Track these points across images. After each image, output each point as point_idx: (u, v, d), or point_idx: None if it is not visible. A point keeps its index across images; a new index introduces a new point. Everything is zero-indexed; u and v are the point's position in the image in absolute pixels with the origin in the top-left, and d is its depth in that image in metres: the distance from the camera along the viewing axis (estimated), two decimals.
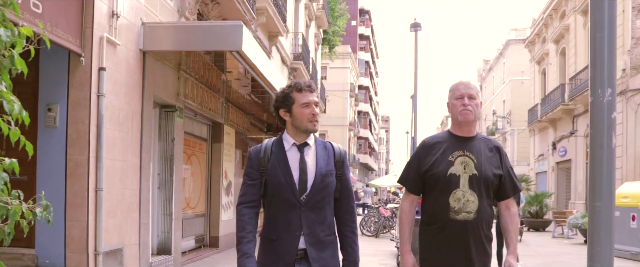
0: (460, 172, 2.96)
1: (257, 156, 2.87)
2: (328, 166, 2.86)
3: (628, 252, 11.66)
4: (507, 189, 3.07)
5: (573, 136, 26.10)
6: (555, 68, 30.24)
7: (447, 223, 2.94)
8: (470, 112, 2.99)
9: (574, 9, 26.30)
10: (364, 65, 66.05)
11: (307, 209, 2.78)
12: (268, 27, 14.98)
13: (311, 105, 2.82)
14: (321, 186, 2.80)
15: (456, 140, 3.05)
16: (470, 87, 3.06)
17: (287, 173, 2.80)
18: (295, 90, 2.84)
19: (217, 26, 7.92)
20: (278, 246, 2.80)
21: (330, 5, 32.51)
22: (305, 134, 2.87)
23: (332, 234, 2.90)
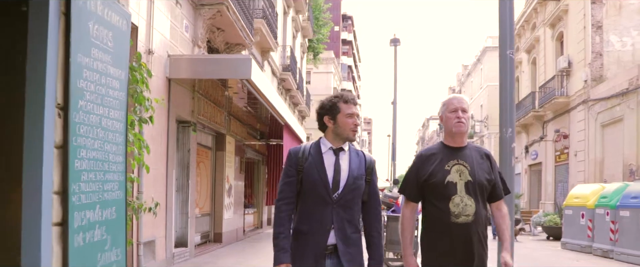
0: (456, 179, 3.17)
1: (296, 155, 3.14)
2: (360, 170, 3.12)
3: (578, 246, 13.40)
4: (498, 192, 3.32)
5: (543, 140, 27.89)
6: (527, 76, 31.96)
7: (450, 227, 3.14)
8: (463, 124, 3.23)
9: (543, 22, 28.08)
10: (347, 69, 67.42)
11: (338, 207, 3.04)
12: (261, 44, 16.52)
13: (354, 117, 3.13)
14: (353, 187, 3.07)
15: (450, 150, 3.27)
16: (462, 101, 3.29)
17: (322, 172, 3.06)
18: (342, 101, 3.12)
19: (231, 59, 9.50)
20: (309, 239, 3.03)
21: (315, 15, 33.85)
22: (343, 140, 3.15)
23: (358, 232, 3.13)
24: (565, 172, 25.16)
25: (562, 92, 24.78)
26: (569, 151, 24.51)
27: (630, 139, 18.30)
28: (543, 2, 27.99)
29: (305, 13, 27.81)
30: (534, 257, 12.23)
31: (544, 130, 27.98)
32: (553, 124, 26.45)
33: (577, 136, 23.39)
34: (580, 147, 22.94)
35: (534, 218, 18.79)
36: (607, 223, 11.93)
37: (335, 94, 3.19)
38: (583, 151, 22.55)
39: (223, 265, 9.64)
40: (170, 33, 8.87)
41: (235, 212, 13.91)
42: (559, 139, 25.40)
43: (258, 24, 14.79)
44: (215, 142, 12.60)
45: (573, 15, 24.05)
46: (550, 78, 25.78)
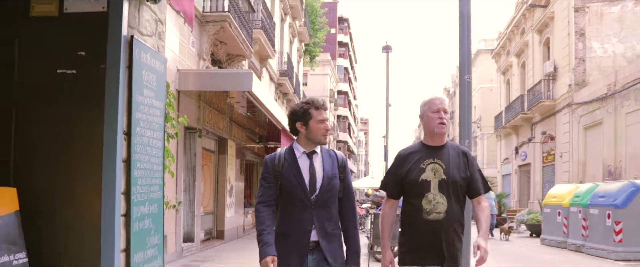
0: (431, 177, 3.26)
1: (272, 162, 3.26)
2: (333, 170, 3.25)
3: (555, 241, 14.42)
4: (476, 188, 3.37)
5: (531, 142, 28.91)
6: (517, 79, 32.92)
7: (421, 223, 3.24)
8: (445, 125, 3.32)
9: (531, 27, 29.09)
10: (343, 71, 68.16)
11: (317, 208, 3.16)
12: (260, 52, 17.50)
13: (325, 122, 3.24)
14: (328, 187, 3.20)
15: (428, 149, 3.36)
16: (444, 102, 3.39)
17: (299, 177, 3.18)
18: (313, 108, 3.23)
19: (234, 73, 10.51)
20: (292, 240, 3.15)
21: (311, 20, 34.69)
22: (315, 144, 3.27)
23: (337, 228, 3.27)
24: (551, 172, 26.16)
25: (549, 95, 25.75)
26: (555, 152, 25.51)
27: (608, 141, 19.33)
28: (531, 9, 28.97)
29: (301, 19, 28.72)
30: (513, 251, 13.24)
31: (532, 132, 28.94)
32: (541, 126, 27.43)
33: (562, 138, 24.40)
34: (565, 148, 23.96)
35: (518, 216, 19.84)
36: (580, 220, 12.95)
37: (306, 100, 3.30)
38: (567, 152, 23.57)
39: (226, 259, 10.63)
40: (179, 49, 9.85)
41: (236, 211, 14.90)
42: (546, 140, 26.42)
43: (257, 34, 15.77)
44: (218, 146, 13.59)
45: (558, 22, 25.05)
46: (538, 82, 26.76)
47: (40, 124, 3.31)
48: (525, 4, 29.48)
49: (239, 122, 14.85)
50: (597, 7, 23.14)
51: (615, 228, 11.33)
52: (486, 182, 3.47)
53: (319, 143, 3.25)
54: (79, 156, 3.28)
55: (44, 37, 3.32)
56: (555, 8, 25.41)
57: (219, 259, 10.57)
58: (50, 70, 3.29)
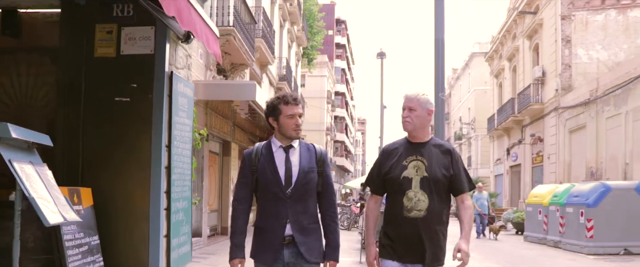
0: (412, 174, 3.21)
1: (249, 156, 3.25)
2: (310, 164, 3.20)
3: (536, 238, 15.47)
4: (459, 187, 3.30)
5: (521, 143, 29.95)
6: (509, 82, 33.87)
7: (402, 220, 3.20)
8: (408, 123, 3.26)
9: (522, 33, 30.11)
10: (340, 72, 69.03)
11: (292, 201, 3.13)
12: (261, 59, 18.51)
13: (295, 117, 3.17)
14: (304, 181, 3.16)
15: (411, 146, 3.30)
16: (410, 99, 3.29)
17: (274, 171, 3.14)
18: (282, 103, 3.19)
19: (239, 84, 11.53)
20: (268, 233, 3.13)
21: (309, 23, 35.61)
22: (288, 139, 3.22)
23: (315, 222, 3.23)
24: (540, 173, 27.19)
25: (537, 99, 26.74)
26: (543, 154, 26.55)
27: (591, 144, 20.37)
28: (522, 15, 29.99)
29: (299, 24, 29.70)
30: (494, 248, 14.28)
31: (522, 134, 29.94)
32: (530, 129, 28.43)
33: (549, 140, 25.44)
34: (552, 150, 25.00)
35: (505, 215, 20.90)
36: (557, 218, 13.98)
37: (278, 95, 3.27)
38: (554, 153, 24.60)
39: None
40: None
41: None
42: (535, 142, 27.47)
43: (258, 43, 16.78)
44: (222, 149, 14.61)
45: (546, 29, 26.08)
46: (527, 86, 27.78)
47: (102, 139, 4.33)
48: (516, 10, 30.53)
49: (241, 126, 15.87)
50: (582, 15, 24.16)
51: (587, 225, 12.38)
52: (471, 180, 3.41)
53: (291, 138, 3.21)
54: (132, 163, 4.31)
55: (104, 72, 4.35)
56: (544, 15, 26.42)
57: (224, 253, 11.57)
58: (109, 98, 4.32)
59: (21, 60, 4.99)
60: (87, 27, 4.33)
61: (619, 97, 18.31)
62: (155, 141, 4.23)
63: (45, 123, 5.03)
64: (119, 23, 4.28)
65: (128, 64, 4.30)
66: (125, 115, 4.29)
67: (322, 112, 53.51)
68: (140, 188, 4.24)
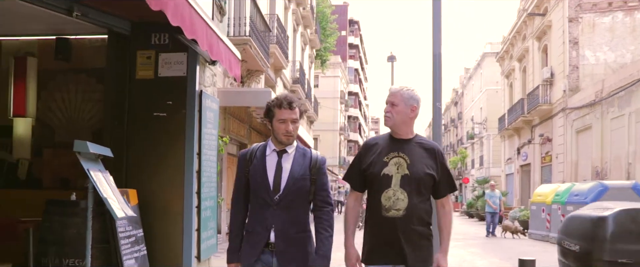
0: (393, 172, 3.05)
1: (244, 158, 3.16)
2: (302, 170, 3.05)
3: (540, 235, 16.10)
4: (441, 189, 3.16)
5: (531, 143, 30.46)
6: (519, 83, 34.32)
7: (380, 220, 3.05)
8: (389, 118, 3.12)
9: (531, 34, 30.61)
10: (354, 72, 69.58)
11: (279, 208, 3.00)
12: (275, 64, 19.29)
13: (287, 122, 3.03)
14: (293, 188, 3.01)
15: (393, 142, 3.14)
16: (392, 93, 3.16)
17: (263, 175, 3.02)
18: (276, 106, 3.07)
19: (255, 91, 12.32)
20: (254, 239, 3.03)
21: (322, 25, 36.22)
22: (280, 143, 3.08)
23: (304, 231, 3.08)
24: (549, 172, 27.71)
25: (546, 99, 27.26)
26: (552, 154, 27.07)
27: (596, 144, 20.92)
28: (531, 17, 30.49)
29: (313, 27, 30.38)
30: (496, 244, 14.94)
31: (532, 134, 30.45)
32: (539, 129, 28.94)
33: (557, 140, 25.98)
34: (560, 150, 25.54)
35: (511, 213, 21.50)
36: (559, 216, 14.61)
37: (275, 97, 3.16)
38: (562, 153, 25.14)
39: None
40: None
41: None
42: (544, 142, 28.00)
43: (272, 48, 17.56)
44: (239, 151, 15.42)
45: (555, 31, 26.59)
46: (536, 87, 28.30)
47: (143, 147, 5.12)
48: (525, 11, 31.04)
49: (257, 129, 16.68)
50: (590, 17, 24.66)
51: None
52: (453, 182, 3.27)
53: (281, 143, 3.08)
54: (169, 168, 5.09)
55: (144, 91, 5.13)
56: (552, 17, 26.93)
57: None
58: (149, 113, 5.10)
59: (71, 80, 5.82)
60: (130, 53, 5.11)
61: (623, 98, 18.85)
62: (188, 149, 5.00)
63: (91, 134, 5.86)
64: (156, 50, 5.05)
65: (164, 84, 5.07)
66: (162, 127, 5.06)
67: (335, 112, 54.08)
68: (175, 189, 5.01)
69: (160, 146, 5.05)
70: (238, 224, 3.15)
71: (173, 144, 5.04)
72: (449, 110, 73.80)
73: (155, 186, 5.00)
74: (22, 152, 6.09)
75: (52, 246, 4.21)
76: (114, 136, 5.10)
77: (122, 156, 5.03)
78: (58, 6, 4.31)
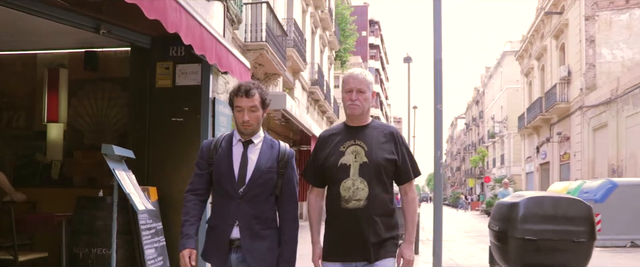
0: (350, 161, 2.94)
1: (208, 148, 3.02)
2: (269, 163, 2.92)
3: None
4: (403, 174, 3.02)
5: (549, 142, 30.57)
6: (538, 81, 34.43)
7: (340, 212, 2.92)
8: (357, 106, 2.97)
9: (549, 33, 30.72)
10: (374, 72, 69.94)
11: (244, 202, 2.86)
12: (293, 67, 19.86)
13: (243, 111, 2.88)
14: (259, 181, 2.88)
15: (349, 130, 3.03)
16: (359, 80, 2.99)
17: (229, 166, 2.89)
18: (234, 94, 2.93)
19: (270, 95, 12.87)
20: (217, 234, 2.91)
21: (341, 27, 36.68)
22: (244, 134, 2.94)
23: (269, 228, 2.93)
24: (567, 170, 27.84)
25: (563, 98, 27.40)
26: (570, 152, 27.20)
27: (612, 142, 21.09)
28: (549, 15, 30.59)
29: (331, 29, 30.87)
30: None
31: (550, 132, 30.56)
32: (558, 127, 29.07)
33: (575, 138, 26.11)
34: (577, 148, 25.68)
35: None
36: None
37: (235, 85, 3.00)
38: (580, 151, 25.28)
39: None
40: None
41: None
42: (562, 140, 28.14)
43: (290, 52, 18.13)
44: None
45: (572, 29, 26.71)
46: (553, 85, 28.43)
47: (162, 149, 5.68)
48: (543, 10, 31.15)
49: (276, 131, 17.26)
50: (606, 15, 24.76)
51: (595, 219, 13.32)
52: (416, 167, 3.09)
53: (240, 133, 2.97)
54: (185, 168, 5.62)
55: (163, 99, 5.70)
56: (569, 15, 27.06)
57: None
58: (167, 118, 5.66)
59: (98, 88, 6.44)
60: (150, 64, 5.68)
61: (637, 96, 19.02)
62: None
63: (116, 137, 6.46)
64: (174, 61, 5.61)
65: (181, 92, 5.62)
66: (179, 131, 5.61)
67: None
68: None
69: (177, 148, 5.60)
70: (195, 212, 2.97)
71: (189, 145, 5.57)
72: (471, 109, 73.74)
73: (173, 183, 5.54)
74: (55, 154, 6.74)
75: (82, 237, 4.81)
76: (136, 139, 5.67)
77: (143, 156, 5.58)
78: (87, 25, 4.90)
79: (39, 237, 5.70)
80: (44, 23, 4.70)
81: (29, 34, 5.69)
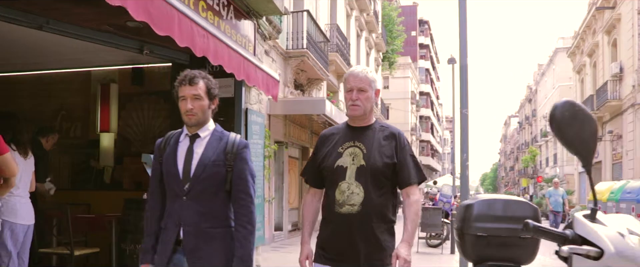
0: (348, 163, 2.83)
1: (158, 146, 2.90)
2: (215, 156, 2.77)
3: None
4: (405, 177, 2.89)
5: (601, 140, 29.87)
6: (590, 78, 33.65)
7: (333, 216, 2.83)
8: (358, 107, 2.86)
9: (601, 28, 30.05)
10: (425, 72, 69.55)
11: (189, 199, 2.72)
12: (337, 71, 20.33)
13: (187, 99, 2.76)
14: (203, 176, 2.73)
15: (350, 131, 2.93)
16: (360, 78, 2.86)
17: (174, 162, 2.77)
18: (178, 84, 2.80)
19: (311, 100, 13.42)
20: (165, 236, 2.77)
21: (388, 28, 36.81)
22: (191, 126, 2.82)
23: (220, 227, 2.77)
24: (619, 169, 27.20)
25: (615, 95, 26.80)
26: (622, 151, 26.59)
27: None
28: (601, 10, 29.91)
29: (378, 31, 31.13)
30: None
31: (602, 130, 29.88)
32: (609, 125, 28.42)
33: (627, 137, 25.52)
34: (629, 147, 25.10)
35: (572, 211, 21.57)
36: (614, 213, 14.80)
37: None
38: (632, 150, 24.71)
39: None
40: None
41: None
42: (614, 139, 27.53)
43: (333, 57, 18.61)
44: (301, 154, 16.58)
45: (624, 24, 26.09)
46: (605, 82, 27.85)
47: None
48: (595, 5, 30.49)
49: (318, 133, 17.81)
50: None
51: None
52: (420, 170, 2.98)
53: (187, 125, 2.84)
54: None
55: None
56: (622, 10, 26.43)
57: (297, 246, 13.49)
58: None
59: (144, 101, 7.12)
60: None
61: None
62: None
63: None
64: None
65: None
66: None
67: (406, 113, 54.38)
68: None
69: None
70: (152, 221, 2.86)
71: None
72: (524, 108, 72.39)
73: None
74: (106, 161, 7.46)
75: (129, 235, 5.44)
76: None
77: None
78: (131, 46, 5.51)
79: (92, 234, 6.41)
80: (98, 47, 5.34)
81: (82, 53, 6.38)
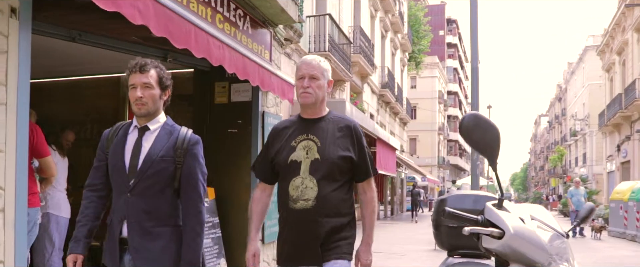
0: (302, 158, 2.75)
1: (105, 137, 2.78)
2: (163, 151, 2.66)
3: (618, 232, 16.29)
4: (361, 172, 2.84)
5: (630, 140, 29.60)
6: (619, 77, 33.33)
7: (288, 213, 2.77)
8: (309, 94, 2.77)
9: (631, 25, 29.70)
10: (453, 72, 69.24)
11: (134, 195, 2.62)
12: (360, 72, 20.68)
13: (136, 87, 2.64)
14: (150, 171, 2.62)
15: (303, 123, 2.85)
16: (312, 66, 2.79)
17: (121, 155, 2.67)
18: (128, 72, 2.68)
19: (331, 101, 13.78)
20: (110, 233, 2.69)
21: (415, 28, 36.90)
22: (141, 117, 2.70)
23: (165, 225, 2.66)
24: None
25: None
26: None
27: None
28: (630, 7, 29.57)
29: (403, 31, 31.33)
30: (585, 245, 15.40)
31: (631, 129, 29.60)
32: (638, 124, 28.18)
33: None
34: None
35: (596, 211, 21.48)
36: (634, 213, 14.84)
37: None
38: None
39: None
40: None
41: None
42: None
43: (356, 58, 18.97)
44: None
45: None
46: (632, 81, 27.58)
47: (220, 156, 6.68)
48: (624, 1, 30.13)
49: None
50: None
51: None
52: (374, 164, 2.92)
53: (136, 115, 2.73)
54: (239, 171, 6.61)
55: (221, 113, 6.71)
56: None
57: None
58: (224, 130, 6.66)
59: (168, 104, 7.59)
60: (210, 84, 6.71)
61: None
62: (254, 156, 6.50)
63: None
64: (229, 81, 6.60)
65: (236, 107, 6.60)
66: (234, 140, 6.60)
67: (433, 112, 54.33)
68: (245, 187, 6.51)
69: (232, 155, 6.58)
70: (90, 211, 2.73)
71: (242, 152, 6.54)
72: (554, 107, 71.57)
73: (229, 184, 6.52)
74: None
75: None
76: None
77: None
78: (156, 55, 5.97)
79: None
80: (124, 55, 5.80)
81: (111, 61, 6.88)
